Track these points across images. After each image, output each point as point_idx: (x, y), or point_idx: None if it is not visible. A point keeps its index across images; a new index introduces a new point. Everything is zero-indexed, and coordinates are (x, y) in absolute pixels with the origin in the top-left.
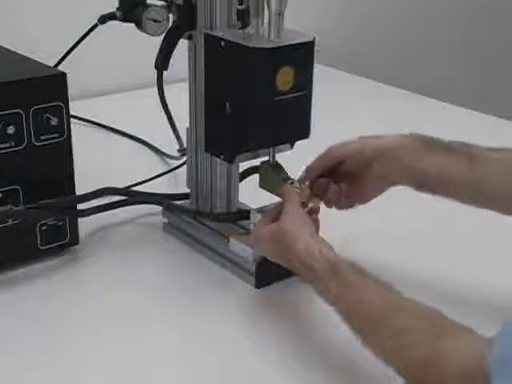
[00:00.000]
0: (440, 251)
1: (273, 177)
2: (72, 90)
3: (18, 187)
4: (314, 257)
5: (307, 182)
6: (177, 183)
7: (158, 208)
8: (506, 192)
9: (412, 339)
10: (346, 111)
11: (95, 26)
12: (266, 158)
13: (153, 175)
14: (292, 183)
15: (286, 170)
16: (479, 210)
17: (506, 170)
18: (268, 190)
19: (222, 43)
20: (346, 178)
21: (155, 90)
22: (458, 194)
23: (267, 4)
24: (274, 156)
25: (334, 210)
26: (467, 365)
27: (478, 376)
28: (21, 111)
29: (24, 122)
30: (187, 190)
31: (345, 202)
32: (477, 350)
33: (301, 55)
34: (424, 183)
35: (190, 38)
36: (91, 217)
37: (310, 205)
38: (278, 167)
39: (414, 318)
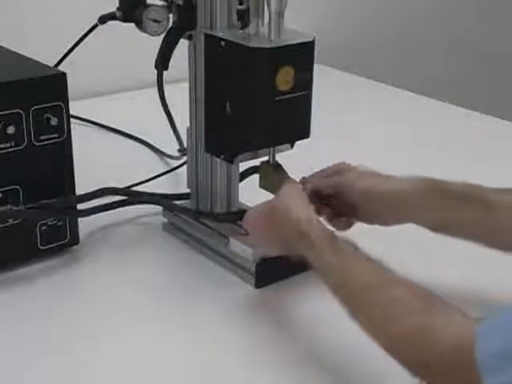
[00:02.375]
0: (440, 250)
1: (273, 177)
2: (72, 90)
3: (18, 187)
4: (311, 224)
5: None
6: (177, 183)
7: (158, 208)
8: None
9: (404, 309)
10: (345, 111)
11: (95, 26)
12: (265, 158)
13: (153, 175)
14: None
15: (286, 170)
16: None
17: None
18: (268, 191)
19: (222, 43)
20: (340, 207)
21: (155, 89)
22: (473, 238)
23: (267, 4)
24: (274, 156)
25: None
26: (459, 337)
27: (467, 349)
28: (21, 111)
29: (24, 122)
30: (187, 190)
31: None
32: (467, 324)
33: (301, 55)
34: (436, 228)
35: (190, 38)
36: (91, 217)
37: None
38: (278, 168)
39: (407, 291)
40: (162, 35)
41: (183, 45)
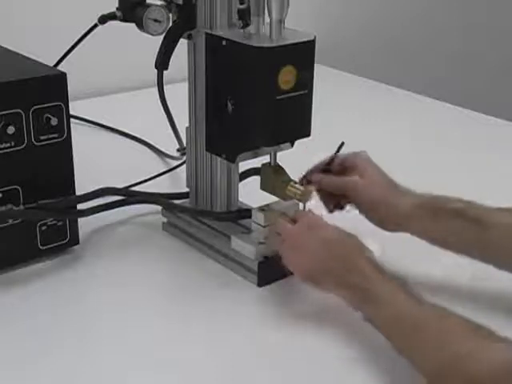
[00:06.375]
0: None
1: (274, 179)
2: (72, 90)
3: (18, 187)
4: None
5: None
6: (177, 183)
7: (158, 208)
8: None
9: (453, 338)
10: (345, 111)
11: (95, 25)
12: (266, 158)
13: (153, 175)
14: (293, 184)
15: (287, 172)
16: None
17: None
18: (269, 192)
19: (224, 42)
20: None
21: (155, 89)
22: (468, 254)
23: (268, 12)
24: (275, 158)
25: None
26: (499, 368)
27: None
28: (21, 111)
29: (24, 122)
30: (187, 190)
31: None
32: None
33: (302, 54)
34: (433, 242)
35: (189, 37)
36: (91, 217)
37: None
38: (279, 169)
39: (459, 325)
40: (162, 35)
41: (183, 45)
